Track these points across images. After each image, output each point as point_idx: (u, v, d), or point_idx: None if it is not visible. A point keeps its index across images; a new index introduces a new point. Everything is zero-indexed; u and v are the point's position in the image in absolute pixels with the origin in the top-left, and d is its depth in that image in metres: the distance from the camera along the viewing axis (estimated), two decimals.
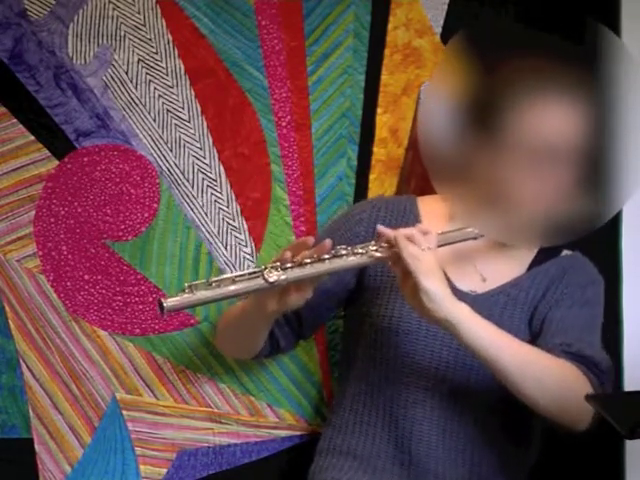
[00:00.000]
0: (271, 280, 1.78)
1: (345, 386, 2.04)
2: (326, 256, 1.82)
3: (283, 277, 1.79)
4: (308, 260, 1.81)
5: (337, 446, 2.01)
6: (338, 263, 1.83)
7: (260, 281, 1.79)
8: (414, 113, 2.28)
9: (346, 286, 2.04)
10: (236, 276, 1.80)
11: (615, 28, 2.27)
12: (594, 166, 1.81)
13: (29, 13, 2.15)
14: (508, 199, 1.83)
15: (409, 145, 2.28)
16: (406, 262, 1.80)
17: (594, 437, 2.17)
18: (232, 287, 1.79)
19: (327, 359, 2.26)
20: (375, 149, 2.28)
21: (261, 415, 2.23)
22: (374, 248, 1.84)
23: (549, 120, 1.81)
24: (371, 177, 2.28)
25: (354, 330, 2.06)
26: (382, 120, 2.28)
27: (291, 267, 1.80)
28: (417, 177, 2.26)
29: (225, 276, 1.80)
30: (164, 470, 2.20)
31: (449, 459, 1.94)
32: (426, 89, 2.24)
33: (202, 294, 1.77)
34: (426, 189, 2.04)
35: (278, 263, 1.81)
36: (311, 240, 1.85)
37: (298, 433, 2.25)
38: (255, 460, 2.23)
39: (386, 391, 1.96)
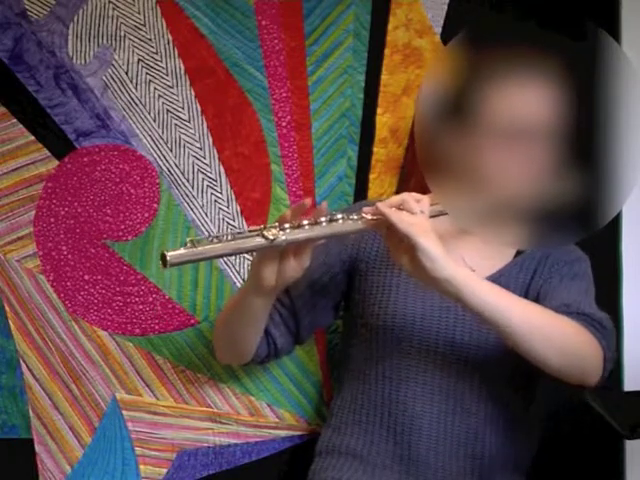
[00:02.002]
0: (270, 237, 1.79)
1: (343, 387, 2.05)
2: (322, 219, 1.83)
3: (282, 237, 1.80)
4: (305, 222, 1.82)
5: (336, 446, 2.01)
6: (334, 227, 1.83)
7: (259, 239, 1.80)
8: (414, 113, 2.28)
9: (339, 285, 2.05)
10: (236, 233, 1.81)
11: (615, 28, 2.28)
12: (578, 152, 1.80)
13: (29, 13, 2.15)
14: (487, 183, 1.82)
15: (409, 145, 2.28)
16: (401, 228, 1.78)
17: (594, 437, 2.18)
18: (232, 243, 1.80)
19: (327, 359, 2.26)
20: (375, 149, 2.28)
21: (261, 415, 2.23)
22: (369, 216, 1.84)
23: (517, 100, 1.81)
24: (371, 177, 2.28)
25: (350, 332, 2.07)
26: (382, 120, 2.28)
27: (289, 228, 1.82)
28: (417, 177, 2.26)
29: (225, 233, 1.81)
30: (164, 470, 2.20)
31: (449, 453, 1.95)
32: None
33: (204, 248, 1.78)
34: (426, 188, 2.04)
35: (277, 224, 1.82)
36: (309, 201, 1.85)
37: (298, 433, 2.25)
38: (255, 460, 2.23)
39: (384, 388, 1.97)
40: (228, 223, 2.22)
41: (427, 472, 1.95)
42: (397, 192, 2.26)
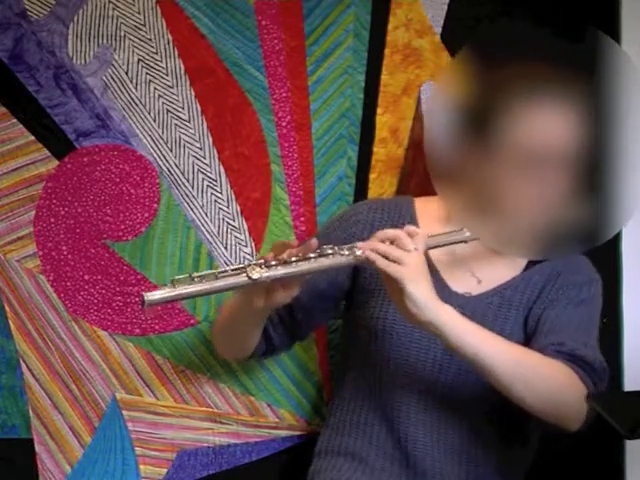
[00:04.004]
0: (254, 277, 1.78)
1: (342, 387, 2.04)
2: (312, 255, 1.82)
3: (266, 275, 1.79)
4: (293, 258, 1.81)
5: (335, 447, 2.01)
6: (323, 262, 1.82)
7: (243, 278, 1.79)
8: (414, 113, 2.28)
9: (340, 287, 2.04)
10: (219, 272, 1.79)
11: (615, 28, 2.28)
12: (592, 175, 1.80)
13: (29, 13, 2.15)
14: (501, 204, 1.82)
15: (409, 145, 2.28)
16: (388, 271, 1.79)
17: (594, 437, 2.17)
18: (215, 283, 1.78)
19: (327, 359, 2.26)
20: (375, 149, 2.28)
21: (261, 415, 2.23)
22: (360, 249, 1.83)
23: (541, 125, 1.80)
24: (371, 177, 2.28)
25: (350, 332, 2.06)
26: (382, 120, 2.28)
27: (275, 265, 1.80)
28: (417, 177, 2.26)
29: (208, 272, 1.80)
30: (164, 470, 2.20)
31: (446, 460, 1.94)
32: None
33: (184, 289, 1.77)
34: (426, 189, 2.04)
35: (262, 260, 1.81)
36: (294, 243, 1.85)
37: (298, 433, 2.25)
38: (255, 460, 2.23)
39: (381, 393, 1.96)
40: (228, 223, 2.22)
41: (424, 477, 1.94)
42: (397, 192, 2.27)
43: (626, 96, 1.78)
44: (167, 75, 2.20)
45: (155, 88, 2.20)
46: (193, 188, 2.22)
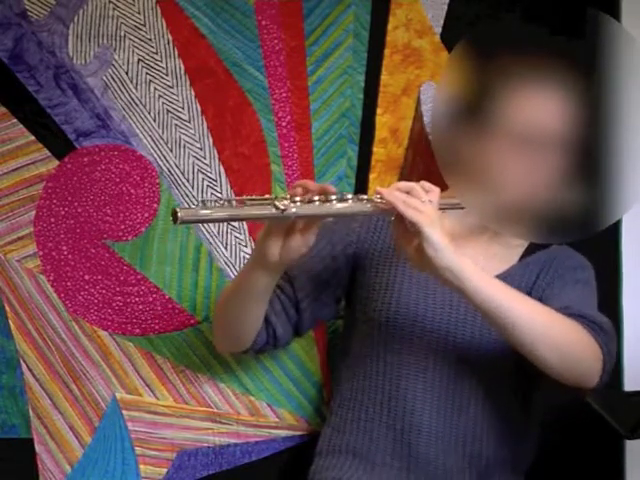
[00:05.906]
0: (281, 207, 1.77)
1: (342, 386, 2.05)
2: (333, 197, 1.82)
3: (293, 209, 1.79)
4: (316, 198, 1.81)
5: (336, 445, 2.01)
6: (344, 207, 1.82)
7: (271, 209, 1.78)
8: (414, 113, 2.28)
9: (340, 279, 2.05)
10: (248, 199, 1.79)
11: None
12: (588, 159, 1.81)
13: (29, 13, 2.15)
14: (497, 183, 1.84)
15: (409, 145, 2.28)
16: (407, 214, 1.78)
17: (594, 437, 2.18)
18: (244, 209, 1.78)
19: (327, 359, 2.26)
20: (375, 149, 2.28)
21: (261, 415, 2.23)
22: (379, 199, 1.83)
23: (533, 107, 1.83)
24: (371, 177, 2.28)
25: (351, 329, 2.07)
26: (382, 120, 2.28)
27: (300, 202, 1.80)
28: (417, 177, 2.26)
29: (237, 198, 1.80)
30: (164, 470, 2.20)
31: (449, 450, 1.95)
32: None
33: (215, 210, 1.76)
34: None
35: (288, 196, 1.80)
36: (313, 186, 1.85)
37: (298, 433, 2.25)
38: (255, 460, 2.23)
39: (384, 385, 1.97)
40: (228, 223, 2.22)
41: (427, 469, 1.95)
42: None
43: (628, 84, 1.79)
44: (167, 75, 2.20)
45: (155, 88, 2.20)
46: (193, 188, 2.22)
